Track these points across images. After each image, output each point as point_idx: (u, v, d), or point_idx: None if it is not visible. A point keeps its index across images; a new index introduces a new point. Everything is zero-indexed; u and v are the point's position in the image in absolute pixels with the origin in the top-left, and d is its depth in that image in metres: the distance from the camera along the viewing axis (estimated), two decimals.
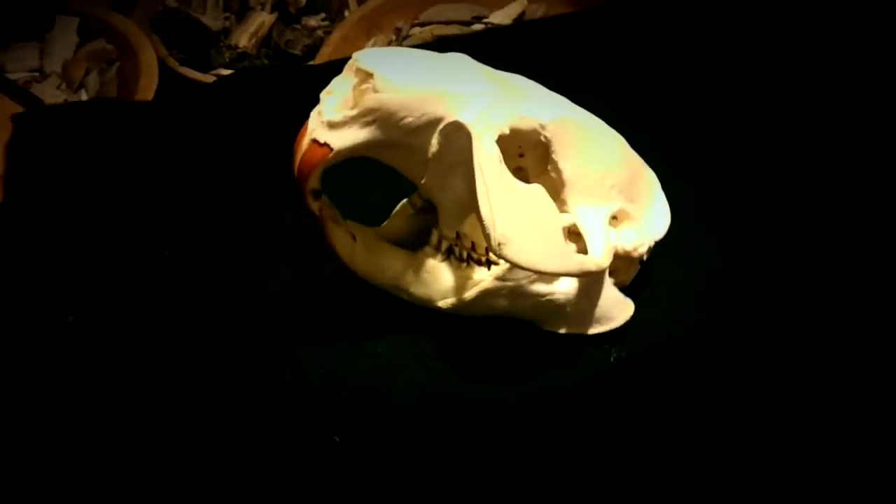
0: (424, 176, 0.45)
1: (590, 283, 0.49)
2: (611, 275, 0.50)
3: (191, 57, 0.78)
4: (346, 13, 0.80)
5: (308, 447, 0.47)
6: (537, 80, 0.48)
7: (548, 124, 0.44)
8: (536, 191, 0.43)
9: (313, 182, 0.44)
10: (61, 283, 0.54)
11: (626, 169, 0.48)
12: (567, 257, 0.44)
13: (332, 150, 0.42)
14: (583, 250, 0.47)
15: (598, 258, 0.45)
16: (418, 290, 0.50)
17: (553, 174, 0.46)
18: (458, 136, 0.42)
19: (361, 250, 0.49)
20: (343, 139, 0.42)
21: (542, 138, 0.45)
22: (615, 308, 0.50)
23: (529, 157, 0.47)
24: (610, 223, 0.48)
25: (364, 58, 0.41)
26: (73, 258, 0.56)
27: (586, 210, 0.47)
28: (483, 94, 0.43)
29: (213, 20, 0.79)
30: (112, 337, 0.51)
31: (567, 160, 0.46)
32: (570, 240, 0.48)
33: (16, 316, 0.53)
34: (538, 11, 0.81)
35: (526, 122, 0.44)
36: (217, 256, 0.56)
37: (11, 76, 0.75)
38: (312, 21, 0.81)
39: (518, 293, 0.48)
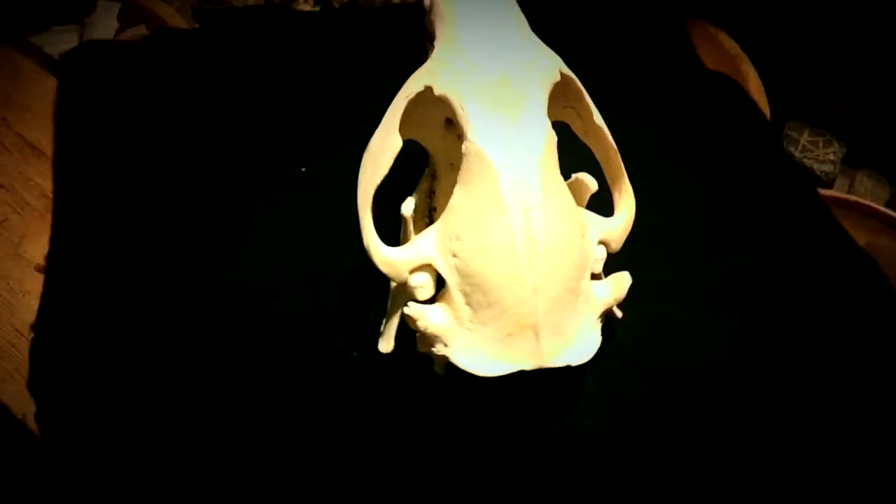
0: None
1: (396, 301, 0.49)
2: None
3: None
4: None
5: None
6: None
7: (473, 145, 0.43)
8: (393, 146, 0.45)
9: None
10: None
11: (483, 265, 0.43)
12: (365, 205, 0.46)
13: None
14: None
15: (377, 245, 0.45)
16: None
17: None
18: None
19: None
20: None
21: (463, 147, 0.44)
22: (382, 342, 0.50)
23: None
24: (444, 295, 0.46)
25: None
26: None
27: (430, 236, 0.46)
28: (473, 65, 0.44)
29: None
30: None
31: (460, 189, 0.44)
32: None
33: None
34: None
35: (458, 114, 0.44)
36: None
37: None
38: None
39: None
